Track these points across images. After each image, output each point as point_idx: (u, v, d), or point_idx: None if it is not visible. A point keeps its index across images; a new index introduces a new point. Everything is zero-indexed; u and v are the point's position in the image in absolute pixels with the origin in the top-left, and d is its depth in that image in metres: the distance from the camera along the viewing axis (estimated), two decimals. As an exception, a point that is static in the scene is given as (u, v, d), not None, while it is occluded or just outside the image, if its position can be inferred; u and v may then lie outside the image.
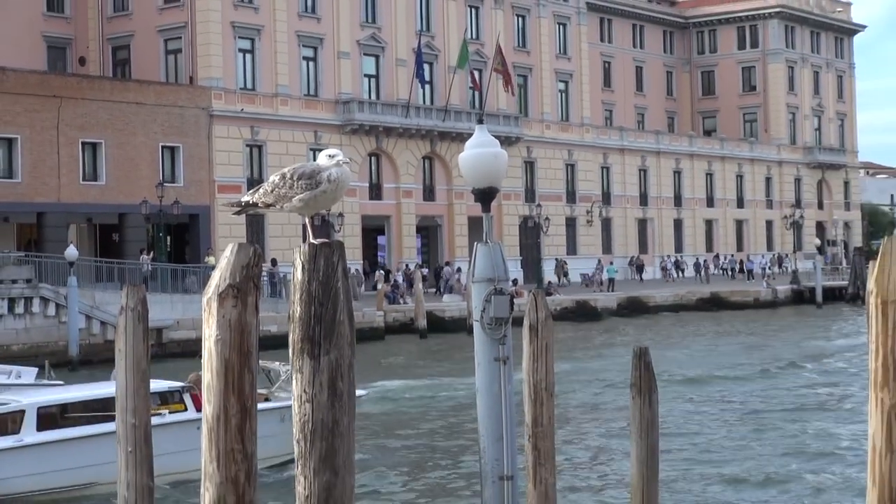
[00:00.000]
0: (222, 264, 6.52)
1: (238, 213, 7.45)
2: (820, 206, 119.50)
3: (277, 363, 26.85)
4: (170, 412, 22.90)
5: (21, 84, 60.57)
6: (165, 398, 23.59)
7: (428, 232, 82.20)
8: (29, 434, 21.77)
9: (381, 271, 70.86)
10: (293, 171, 6.91)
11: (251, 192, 7.07)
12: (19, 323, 47.34)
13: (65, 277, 48.08)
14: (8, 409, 22.40)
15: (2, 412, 22.28)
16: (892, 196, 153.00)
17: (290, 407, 21.11)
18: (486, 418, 13.73)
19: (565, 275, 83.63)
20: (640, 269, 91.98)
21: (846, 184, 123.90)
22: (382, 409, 32.56)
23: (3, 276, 48.68)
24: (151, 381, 24.26)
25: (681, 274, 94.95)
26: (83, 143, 62.35)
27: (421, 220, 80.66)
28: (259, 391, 24.68)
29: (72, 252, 49.17)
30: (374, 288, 66.55)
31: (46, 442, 21.96)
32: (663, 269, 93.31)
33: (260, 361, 26.81)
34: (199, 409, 21.17)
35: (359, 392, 27.03)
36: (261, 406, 23.19)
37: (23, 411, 22.19)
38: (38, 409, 22.37)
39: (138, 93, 65.79)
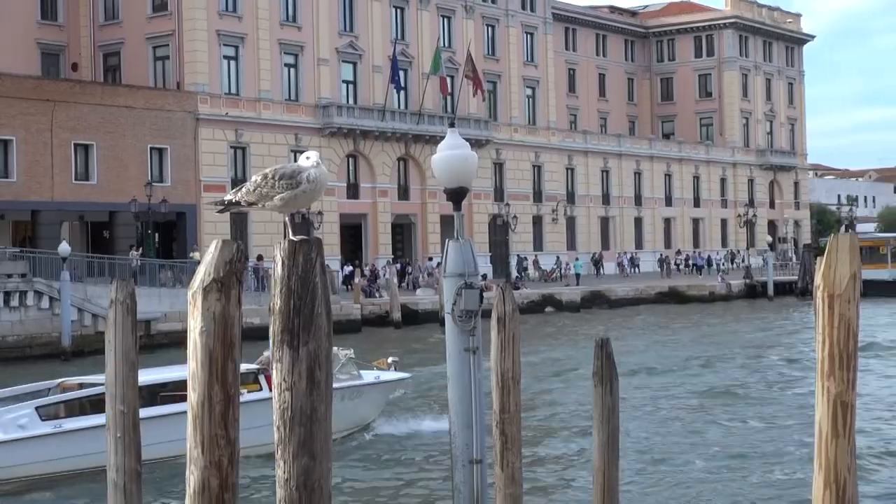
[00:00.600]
0: (207, 260, 6.52)
1: (222, 211, 7.45)
2: (772, 205, 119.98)
3: (336, 348, 24.95)
4: (248, 391, 22.85)
5: (16, 88, 60.45)
6: (243, 379, 22.68)
7: (403, 229, 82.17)
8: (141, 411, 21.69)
9: (351, 267, 70.74)
10: (274, 172, 6.91)
11: (234, 191, 7.07)
12: (14, 315, 47.19)
13: (58, 272, 48.00)
14: None
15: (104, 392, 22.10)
16: (839, 196, 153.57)
17: (349, 388, 21.55)
18: (457, 405, 13.75)
19: (524, 269, 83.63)
20: (597, 264, 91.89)
21: (796, 184, 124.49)
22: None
23: (0, 270, 48.71)
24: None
25: (636, 270, 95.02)
26: (75, 145, 62.20)
27: (396, 218, 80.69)
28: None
29: (65, 248, 49.12)
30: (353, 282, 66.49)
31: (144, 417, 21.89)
32: (619, 264, 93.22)
33: None
34: (272, 389, 20.99)
35: (403, 375, 28.45)
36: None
37: (140, 388, 21.95)
38: (139, 388, 22.14)
39: (128, 97, 65.70)
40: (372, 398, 26.41)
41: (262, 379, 23.86)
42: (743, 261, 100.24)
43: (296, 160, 7.14)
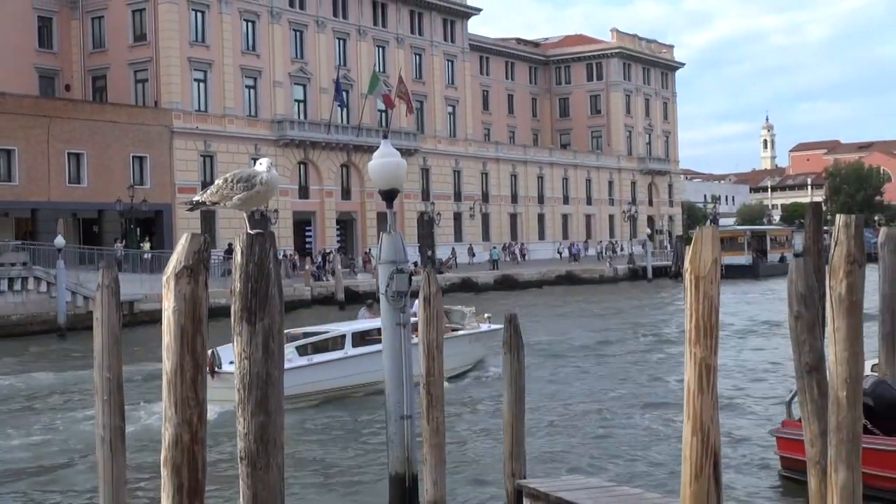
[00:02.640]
0: (178, 250, 6.48)
1: (191, 209, 7.41)
2: (650, 203, 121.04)
3: (460, 306, 32.40)
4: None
5: (18, 106, 60.19)
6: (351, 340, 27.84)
7: (345, 224, 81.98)
8: (348, 349, 26.12)
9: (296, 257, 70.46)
10: (233, 176, 6.87)
11: (201, 192, 7.02)
12: (17, 298, 46.77)
13: (54, 261, 47.52)
14: (337, 333, 27.11)
15: (332, 336, 26.95)
16: (704, 196, 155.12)
17: (475, 333, 26.09)
18: (390, 370, 13.75)
19: (429, 258, 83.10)
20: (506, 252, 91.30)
21: (670, 186, 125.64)
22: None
23: (4, 260, 48.31)
24: (333, 326, 29.77)
25: (523, 257, 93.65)
26: (69, 154, 61.80)
27: (340, 214, 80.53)
28: (452, 325, 28.12)
29: (60, 241, 48.60)
30: (303, 268, 66.27)
31: (357, 355, 26.06)
32: (511, 253, 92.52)
33: (446, 305, 30.64)
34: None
35: (495, 326, 30.47)
36: (454, 334, 28.77)
37: (344, 335, 26.77)
38: (353, 333, 26.85)
39: (113, 113, 65.44)
40: (484, 342, 30.24)
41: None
42: (622, 249, 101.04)
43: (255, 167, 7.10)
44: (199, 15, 71.17)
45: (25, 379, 30.40)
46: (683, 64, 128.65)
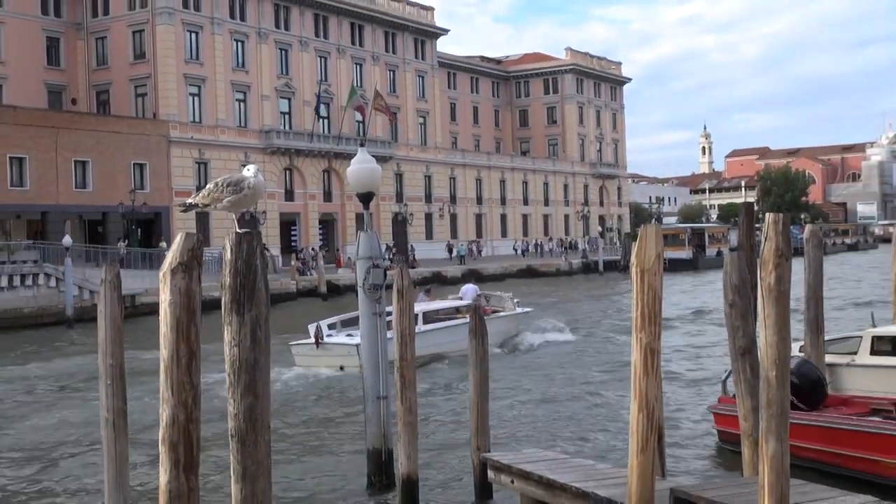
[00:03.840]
0: (174, 248, 6.46)
1: (185, 211, 7.39)
2: (601, 204, 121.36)
3: (499, 292, 35.30)
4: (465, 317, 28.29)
5: (29, 118, 59.83)
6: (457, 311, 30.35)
7: (327, 224, 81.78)
8: (420, 325, 26.05)
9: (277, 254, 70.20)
10: (223, 180, 6.84)
11: (193, 196, 6.99)
12: (29, 292, 46.47)
13: (63, 259, 47.30)
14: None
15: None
16: (650, 197, 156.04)
17: (513, 314, 29.00)
18: (367, 354, 13.74)
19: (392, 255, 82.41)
20: (450, 249, 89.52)
21: (619, 189, 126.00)
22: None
23: (17, 258, 48.16)
24: (441, 302, 32.10)
25: (479, 254, 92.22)
26: (75, 161, 61.41)
27: (322, 215, 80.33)
28: (493, 307, 30.25)
29: (67, 240, 48.51)
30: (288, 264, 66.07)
31: (427, 330, 26.89)
32: (469, 250, 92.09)
33: (487, 292, 35.36)
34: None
35: (526, 308, 34.10)
36: (498, 314, 31.28)
37: (417, 314, 26.00)
38: (423, 312, 27.75)
39: (115, 125, 65.09)
40: (520, 321, 32.54)
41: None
42: (574, 246, 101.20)
43: (243, 172, 7.08)
44: (193, 35, 70.90)
45: (41, 365, 30.20)
46: (630, 79, 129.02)
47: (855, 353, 16.94)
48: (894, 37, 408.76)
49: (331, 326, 27.08)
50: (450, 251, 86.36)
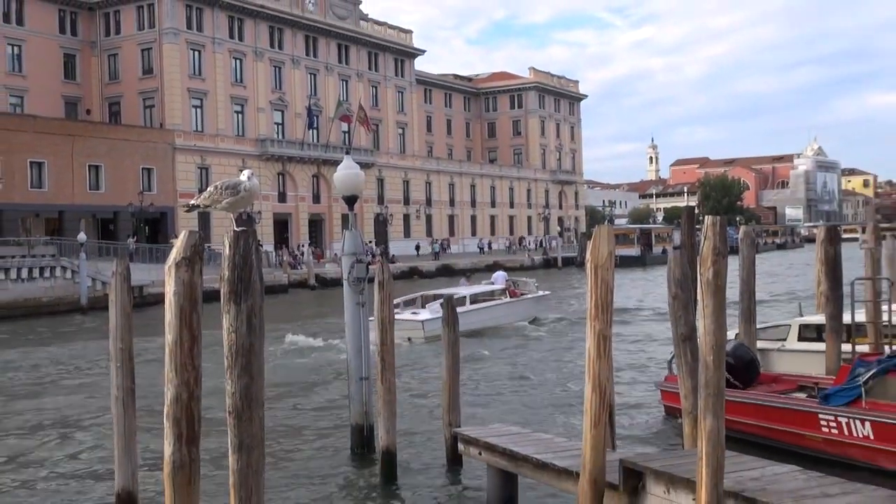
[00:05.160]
0: (178, 244, 6.44)
1: (188, 211, 7.37)
2: (560, 206, 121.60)
3: (525, 278, 36.78)
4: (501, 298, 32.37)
5: (47, 127, 59.59)
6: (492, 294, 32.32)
7: (316, 223, 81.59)
8: (468, 305, 27.83)
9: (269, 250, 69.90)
10: (221, 184, 6.83)
11: (195, 198, 6.97)
12: (47, 283, 46.23)
13: (78, 253, 47.08)
14: (461, 295, 28.74)
15: (459, 296, 28.56)
16: (604, 201, 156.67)
17: (536, 297, 30.41)
18: (351, 340, 13.71)
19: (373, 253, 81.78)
20: (417, 248, 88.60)
21: (576, 193, 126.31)
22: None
23: (36, 252, 47.94)
24: (480, 286, 33.70)
25: (445, 251, 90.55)
26: (89, 166, 61.25)
27: (311, 216, 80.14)
28: (520, 291, 31.56)
29: (82, 237, 48.25)
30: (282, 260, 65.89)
31: (475, 309, 28.99)
32: (441, 247, 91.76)
33: (514, 278, 36.19)
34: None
35: (546, 292, 36.30)
36: (524, 297, 32.88)
37: (465, 296, 29.11)
38: (470, 294, 29.95)
39: (126, 133, 64.86)
40: (543, 302, 34.40)
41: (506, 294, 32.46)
42: (530, 244, 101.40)
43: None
44: (196, 53, 70.59)
45: (58, 348, 29.96)
46: (587, 96, 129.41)
47: (784, 340, 17.10)
48: (822, 60, 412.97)
49: (394, 306, 26.71)
50: (416, 249, 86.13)
